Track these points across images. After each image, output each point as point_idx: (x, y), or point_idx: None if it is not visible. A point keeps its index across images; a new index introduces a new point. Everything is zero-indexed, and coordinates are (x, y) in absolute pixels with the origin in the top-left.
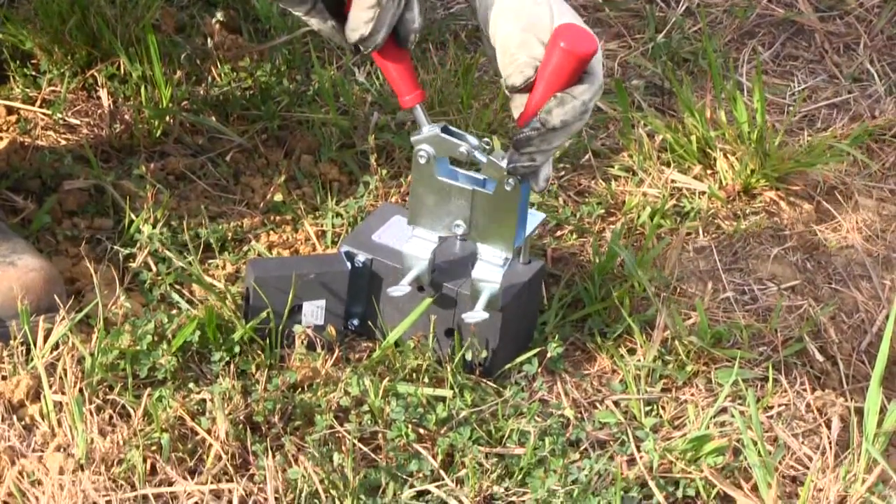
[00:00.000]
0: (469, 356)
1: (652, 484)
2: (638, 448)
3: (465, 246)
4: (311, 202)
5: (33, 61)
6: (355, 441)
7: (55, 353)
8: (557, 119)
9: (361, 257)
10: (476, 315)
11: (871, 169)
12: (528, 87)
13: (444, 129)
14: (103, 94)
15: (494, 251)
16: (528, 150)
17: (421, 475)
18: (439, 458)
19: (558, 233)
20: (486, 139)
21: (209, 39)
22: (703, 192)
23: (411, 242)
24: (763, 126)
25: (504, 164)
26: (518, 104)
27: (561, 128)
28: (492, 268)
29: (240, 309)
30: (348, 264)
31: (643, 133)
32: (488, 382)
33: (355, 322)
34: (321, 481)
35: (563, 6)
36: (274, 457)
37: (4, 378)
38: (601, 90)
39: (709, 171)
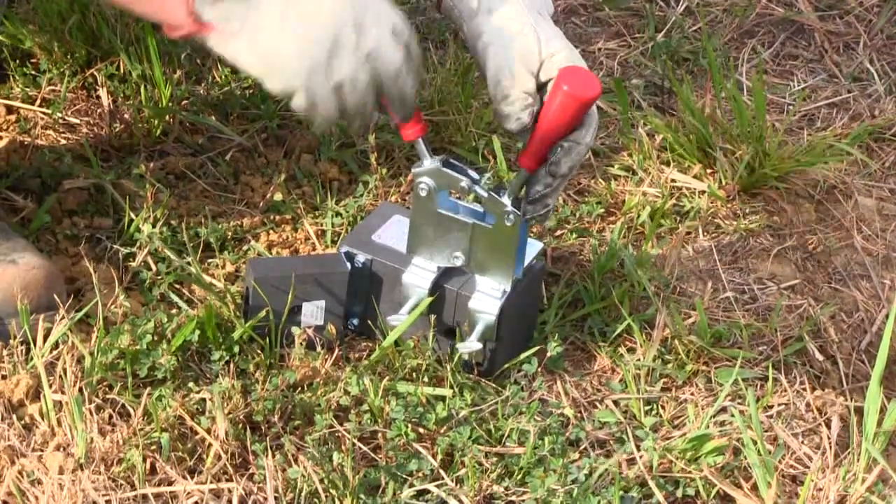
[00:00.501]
0: (467, 356)
1: (652, 483)
2: (637, 447)
3: None
4: (310, 201)
5: (33, 60)
6: (355, 440)
7: (55, 352)
8: (566, 167)
9: (361, 258)
10: (470, 345)
11: (871, 168)
12: (524, 131)
13: (446, 163)
14: (103, 93)
15: (492, 283)
16: (543, 200)
17: (421, 474)
18: (439, 457)
19: (558, 232)
20: (487, 174)
21: None
22: (703, 192)
23: (411, 272)
24: (763, 125)
25: (504, 199)
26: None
27: (569, 173)
28: (489, 299)
29: (239, 308)
30: (348, 265)
31: (643, 132)
32: (488, 382)
33: (355, 322)
34: (321, 481)
35: (550, 29)
36: (274, 456)
37: (4, 377)
38: (598, 125)
39: (709, 171)
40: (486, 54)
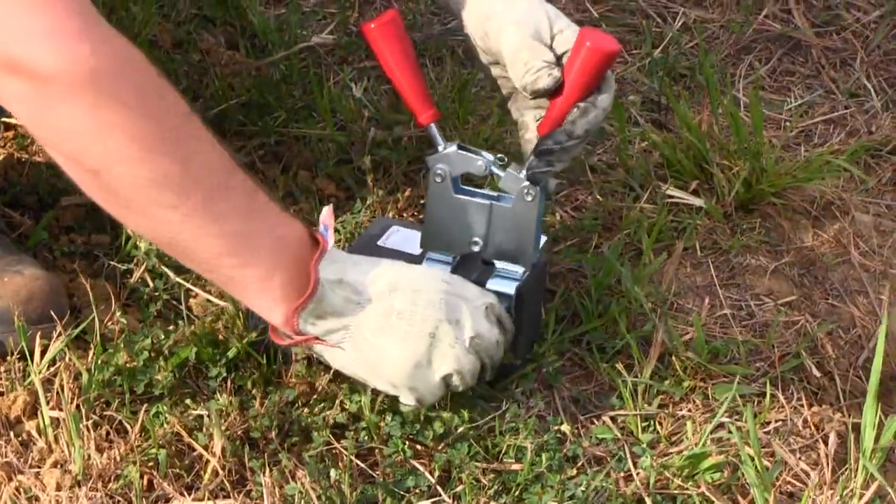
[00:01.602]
0: None
1: (648, 501)
2: (635, 464)
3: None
4: (308, 218)
5: None
6: (352, 457)
7: (52, 368)
8: (582, 129)
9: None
10: None
11: (868, 184)
12: (554, 90)
13: (460, 147)
14: None
15: (511, 266)
16: (551, 158)
17: (418, 491)
18: (436, 473)
19: (556, 248)
20: (500, 155)
21: (206, 55)
22: (700, 208)
23: (427, 263)
24: (760, 141)
25: (522, 175)
26: (530, 118)
27: (584, 136)
28: (507, 282)
29: (236, 326)
30: None
31: (640, 149)
32: (485, 386)
33: None
34: (318, 497)
35: (554, 9)
36: (271, 472)
37: (1, 394)
38: (615, 93)
39: (706, 187)
40: (499, 37)
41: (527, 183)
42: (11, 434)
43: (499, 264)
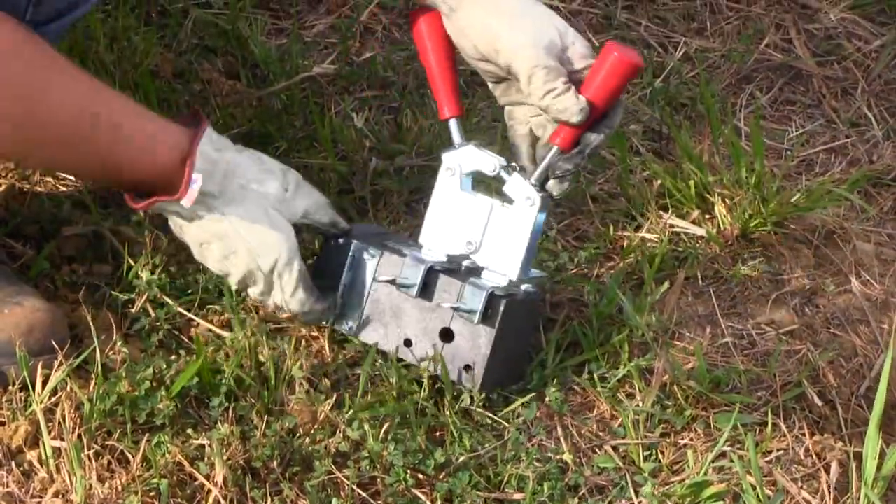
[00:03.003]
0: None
1: None
2: (637, 493)
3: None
4: (309, 247)
5: None
6: (354, 486)
7: (54, 398)
8: (595, 147)
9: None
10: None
11: (869, 213)
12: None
13: (475, 146)
14: None
15: (499, 273)
16: (569, 176)
17: None
18: (438, 503)
19: (557, 277)
20: (512, 163)
21: (207, 85)
22: (702, 237)
23: (420, 251)
24: (761, 170)
25: (529, 182)
26: (537, 125)
27: (595, 153)
28: (496, 279)
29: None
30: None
31: (642, 178)
32: (487, 416)
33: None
34: None
35: (562, 21)
36: (273, 502)
37: (3, 424)
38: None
39: (707, 216)
40: (513, 58)
41: (532, 191)
42: (13, 464)
43: (486, 272)
